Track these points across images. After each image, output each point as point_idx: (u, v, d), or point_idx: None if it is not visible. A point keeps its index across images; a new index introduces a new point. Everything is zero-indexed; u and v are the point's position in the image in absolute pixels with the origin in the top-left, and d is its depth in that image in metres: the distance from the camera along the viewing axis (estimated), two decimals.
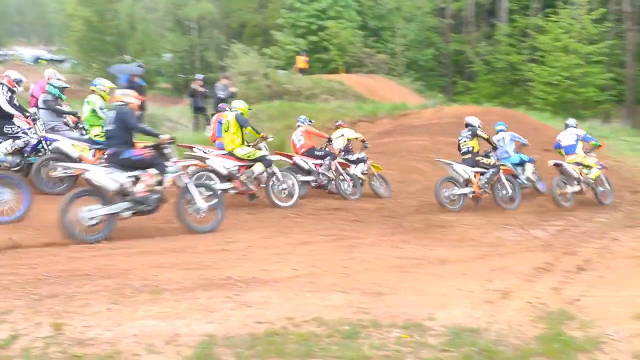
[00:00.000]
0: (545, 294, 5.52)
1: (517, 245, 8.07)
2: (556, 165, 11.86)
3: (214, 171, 10.14)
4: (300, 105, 24.32)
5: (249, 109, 11.17)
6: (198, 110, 18.21)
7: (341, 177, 11.90)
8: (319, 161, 11.99)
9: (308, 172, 11.87)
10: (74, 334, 4.06)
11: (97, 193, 7.27)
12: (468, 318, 4.70)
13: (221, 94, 17.00)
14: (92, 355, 3.75)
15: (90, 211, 7.12)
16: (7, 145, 9.50)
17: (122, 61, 24.68)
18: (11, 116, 9.73)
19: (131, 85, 14.62)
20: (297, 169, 11.67)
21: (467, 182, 11.30)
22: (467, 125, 11.91)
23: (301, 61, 32.68)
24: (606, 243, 8.34)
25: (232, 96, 16.75)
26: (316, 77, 31.38)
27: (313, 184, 12.01)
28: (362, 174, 12.59)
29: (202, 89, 18.11)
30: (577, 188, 11.72)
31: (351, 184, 12.04)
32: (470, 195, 11.35)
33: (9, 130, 9.58)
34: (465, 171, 11.29)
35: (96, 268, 5.93)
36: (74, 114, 10.89)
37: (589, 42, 34.26)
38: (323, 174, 11.88)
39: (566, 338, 4.27)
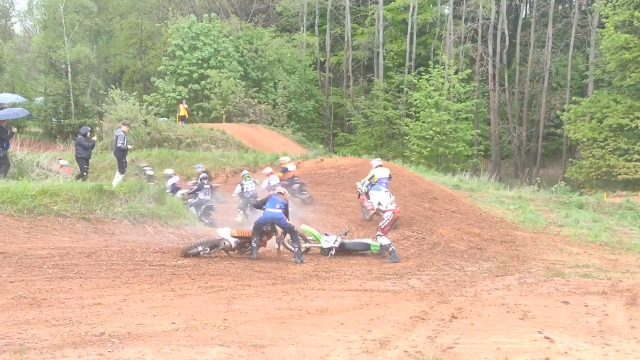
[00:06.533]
0: (421, 343, 5.67)
1: (395, 295, 8.26)
2: None
3: None
4: (181, 153, 24.00)
5: None
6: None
7: None
8: None
9: None
10: None
11: None
12: None
13: (121, 142, 16.19)
14: None
15: None
16: None
17: None
18: None
19: None
20: None
21: None
22: None
23: (182, 109, 32.46)
24: (477, 292, 8.74)
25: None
26: (197, 126, 31.29)
27: None
28: None
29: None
30: None
31: None
32: None
33: None
34: None
35: None
36: None
37: (457, 100, 36.63)
38: None
39: None
